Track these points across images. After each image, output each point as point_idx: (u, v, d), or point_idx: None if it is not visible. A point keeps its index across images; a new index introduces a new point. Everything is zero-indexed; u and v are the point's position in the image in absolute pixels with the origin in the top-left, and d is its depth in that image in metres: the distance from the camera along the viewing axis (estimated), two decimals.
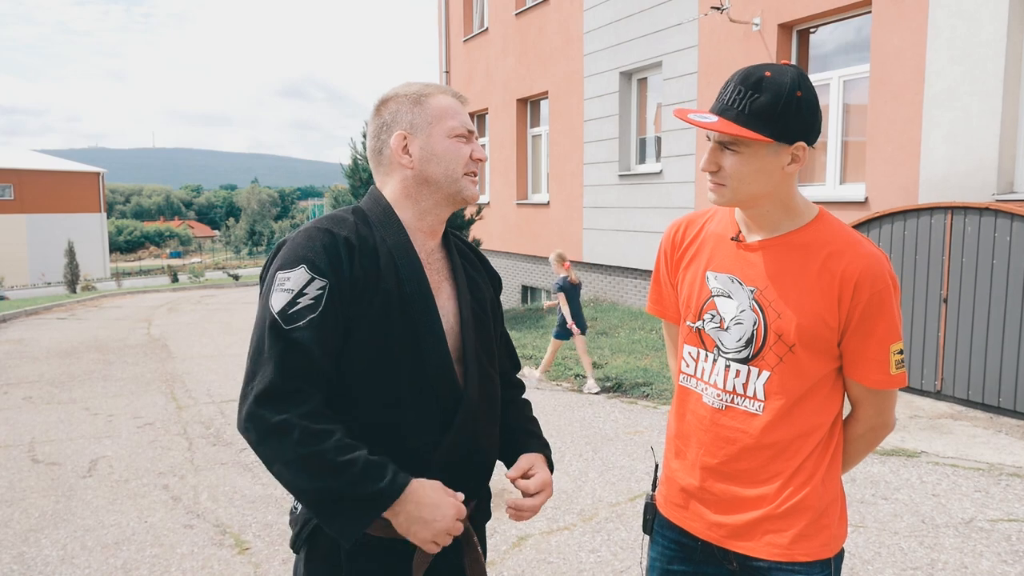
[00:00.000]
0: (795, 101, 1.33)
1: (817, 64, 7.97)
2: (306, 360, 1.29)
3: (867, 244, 1.42)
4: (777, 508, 1.44)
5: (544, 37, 12.44)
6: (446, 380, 1.41)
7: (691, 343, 1.57)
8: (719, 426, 1.49)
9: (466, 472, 1.45)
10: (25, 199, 41.14)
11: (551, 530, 3.69)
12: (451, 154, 1.45)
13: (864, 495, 4.00)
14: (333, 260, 1.34)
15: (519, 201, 13.52)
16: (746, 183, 1.39)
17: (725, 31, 8.55)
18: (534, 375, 7.20)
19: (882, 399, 1.47)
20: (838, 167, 7.71)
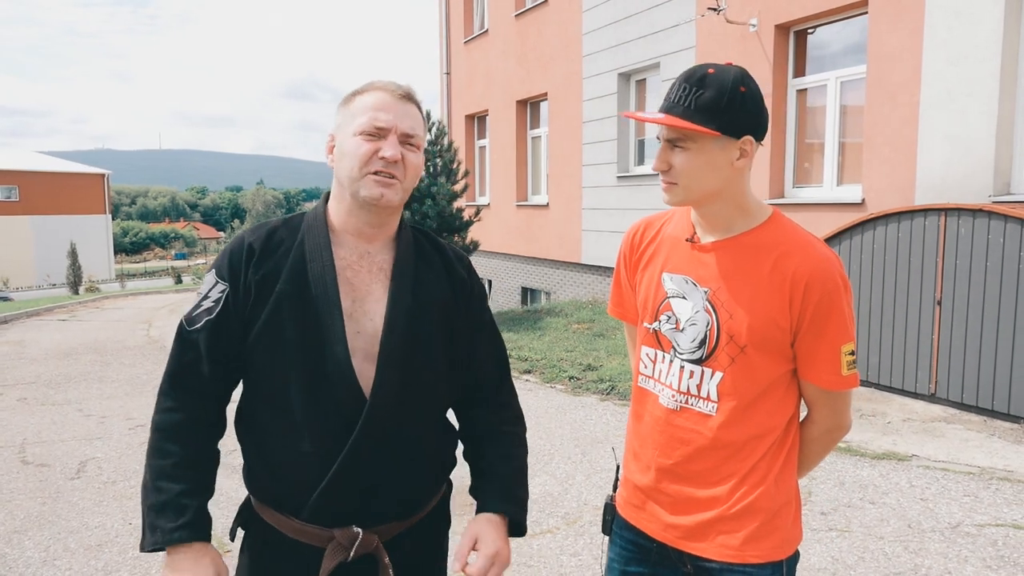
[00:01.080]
0: (739, 96, 1.36)
1: (814, 65, 7.94)
2: (198, 361, 1.40)
3: (818, 245, 1.42)
4: (729, 509, 1.44)
5: (543, 38, 12.43)
6: (345, 384, 1.37)
7: (648, 344, 1.57)
8: (674, 427, 1.49)
9: (374, 484, 1.40)
10: (30, 201, 41.32)
11: (534, 533, 3.67)
12: (351, 151, 1.38)
13: (851, 499, 3.97)
14: (235, 266, 1.40)
15: (519, 202, 13.50)
16: (696, 179, 1.40)
17: (722, 32, 8.52)
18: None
19: (836, 400, 1.46)
20: (835, 169, 7.68)
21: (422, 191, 10.57)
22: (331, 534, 1.38)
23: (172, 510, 1.35)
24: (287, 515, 1.40)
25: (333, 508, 1.38)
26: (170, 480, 1.36)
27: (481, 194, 15.31)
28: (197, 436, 1.41)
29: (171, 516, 1.35)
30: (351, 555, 1.38)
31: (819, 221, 7.19)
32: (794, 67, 8.05)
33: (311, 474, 1.36)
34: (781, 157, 8.14)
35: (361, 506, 1.40)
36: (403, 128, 1.40)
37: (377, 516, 1.42)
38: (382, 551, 1.41)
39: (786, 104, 8.07)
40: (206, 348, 1.39)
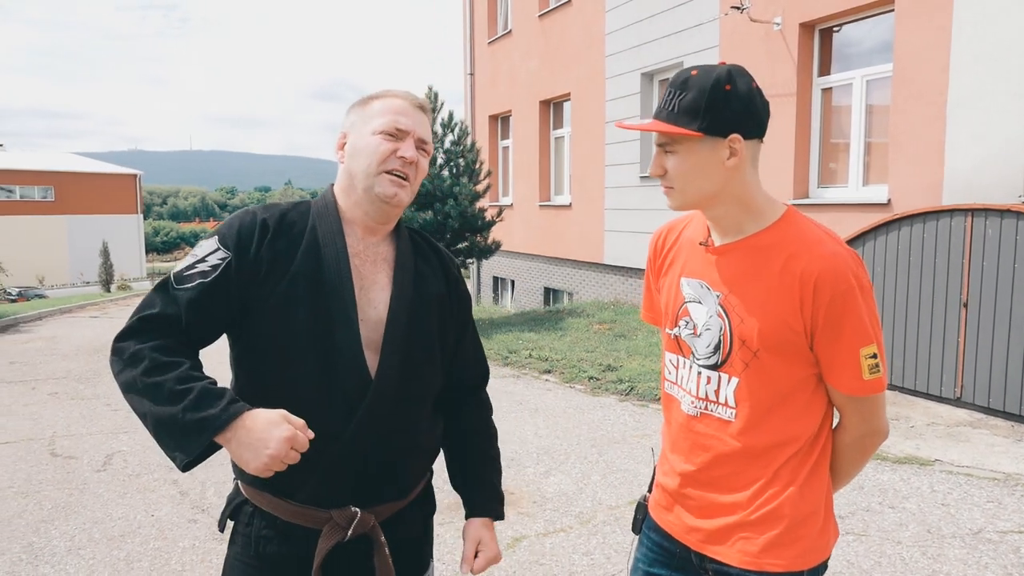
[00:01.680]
0: (722, 95, 1.33)
1: (840, 64, 7.84)
2: (176, 315, 1.36)
3: (830, 243, 1.36)
4: (750, 515, 1.42)
5: (567, 39, 12.42)
6: (354, 367, 1.41)
7: (671, 350, 1.56)
8: (695, 433, 1.48)
9: (372, 467, 1.44)
10: (65, 201, 42.17)
11: (547, 532, 3.68)
12: (370, 149, 1.45)
13: (870, 503, 3.92)
14: (245, 238, 1.41)
15: (541, 203, 13.50)
16: (689, 182, 1.38)
17: (746, 31, 8.45)
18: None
19: (864, 405, 1.41)
20: (860, 169, 7.58)
21: (444, 191, 10.62)
22: (328, 515, 1.42)
23: (212, 396, 1.27)
24: (283, 498, 1.42)
25: (331, 490, 1.42)
26: (195, 380, 1.29)
27: (504, 194, 15.33)
28: (193, 357, 1.36)
29: (215, 401, 1.26)
30: (348, 534, 1.41)
31: (844, 222, 7.10)
32: (819, 66, 7.96)
33: (311, 455, 1.36)
34: (806, 157, 8.05)
35: (357, 487, 1.44)
36: (419, 134, 1.48)
37: (372, 497, 1.46)
38: (378, 531, 1.45)
39: (811, 103, 7.98)
40: (187, 306, 1.36)
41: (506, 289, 15.67)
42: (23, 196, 41.43)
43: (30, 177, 41.63)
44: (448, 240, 10.80)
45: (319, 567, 1.39)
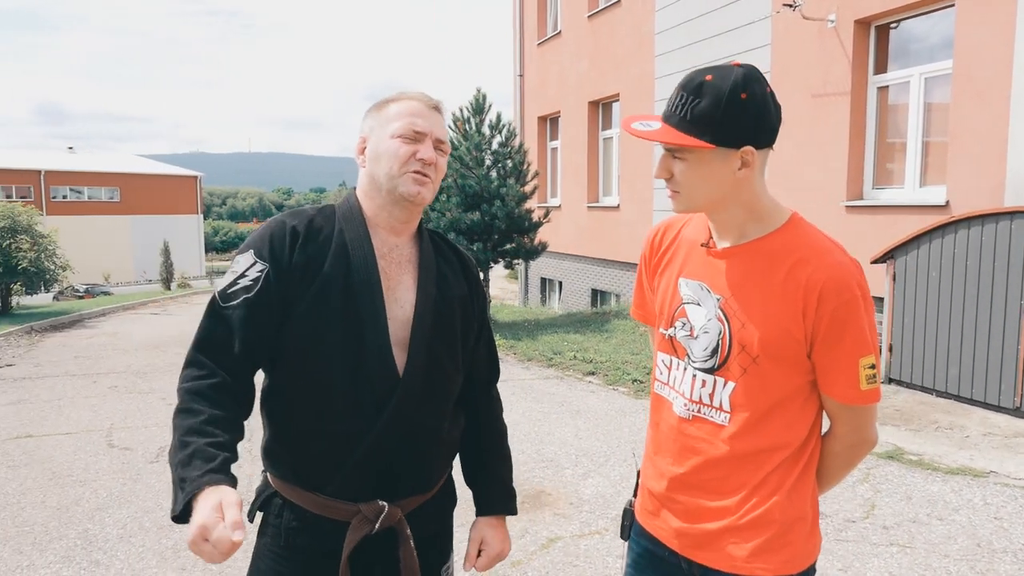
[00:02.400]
0: (738, 104, 1.28)
1: (897, 61, 7.62)
2: (230, 336, 1.41)
3: (836, 252, 1.35)
4: (739, 520, 1.40)
5: (616, 39, 12.35)
6: (383, 366, 1.45)
7: (664, 350, 1.55)
8: (686, 436, 1.47)
9: (399, 461, 1.48)
10: (130, 201, 43.81)
11: (583, 533, 3.67)
12: (390, 152, 1.48)
13: (918, 514, 3.80)
14: (277, 247, 1.45)
15: (590, 204, 13.45)
16: (697, 190, 1.36)
17: (798, 29, 8.27)
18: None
19: (858, 415, 1.40)
20: (918, 169, 7.34)
21: (492, 192, 10.67)
22: (357, 508, 1.45)
23: (200, 459, 1.28)
24: (312, 491, 1.47)
25: (360, 484, 1.46)
26: (199, 435, 1.32)
27: (552, 195, 15.32)
28: (225, 401, 1.39)
29: (199, 465, 1.27)
30: (376, 527, 1.45)
31: (900, 224, 6.90)
32: (875, 64, 7.75)
33: (339, 451, 1.44)
34: (860, 158, 7.84)
35: (384, 481, 1.48)
36: (437, 134, 1.52)
37: (399, 491, 1.50)
38: (404, 524, 1.49)
39: (866, 102, 7.77)
40: (240, 324, 1.40)
41: (554, 290, 15.66)
42: (91, 197, 43.16)
43: (97, 179, 43.36)
44: (495, 241, 10.85)
45: (347, 559, 1.43)
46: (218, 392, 1.38)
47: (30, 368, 8.81)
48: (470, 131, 11.11)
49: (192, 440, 1.31)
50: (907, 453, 4.69)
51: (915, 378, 6.10)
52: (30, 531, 3.88)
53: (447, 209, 10.61)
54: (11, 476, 4.76)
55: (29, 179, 40.28)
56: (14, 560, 3.55)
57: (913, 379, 6.12)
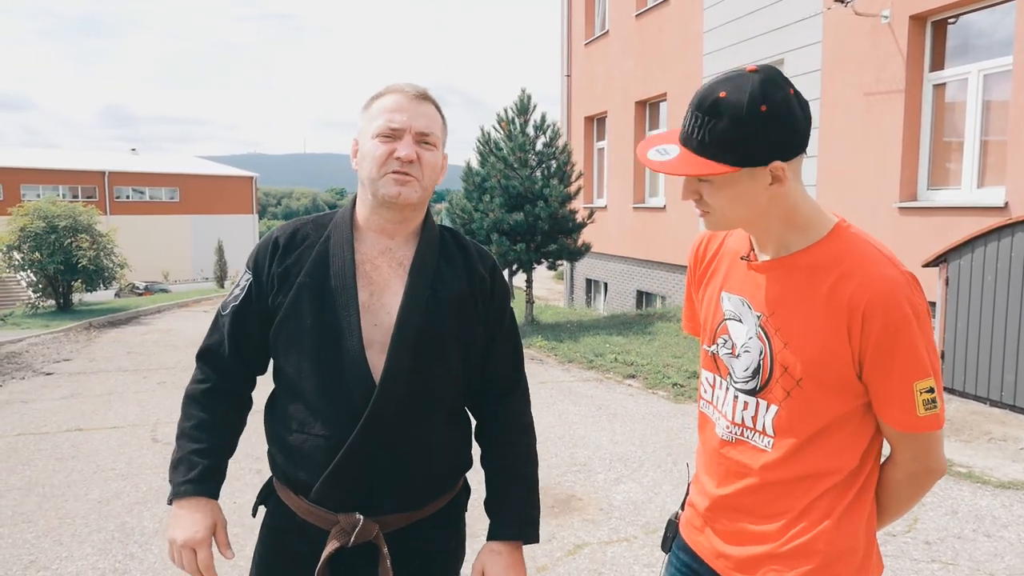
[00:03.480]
0: (759, 119, 1.17)
1: (954, 58, 7.33)
2: (221, 342, 1.55)
3: (884, 264, 1.23)
4: (781, 547, 1.32)
5: (664, 38, 12.19)
6: (358, 372, 1.42)
7: (707, 368, 1.47)
8: (728, 459, 1.39)
9: (377, 472, 1.44)
10: (189, 201, 45.10)
11: (611, 540, 3.61)
12: (371, 154, 1.45)
13: (963, 530, 3.63)
14: (260, 258, 1.52)
15: (636, 205, 13.31)
16: (727, 211, 1.27)
17: (851, 25, 8.03)
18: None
19: (918, 443, 1.28)
20: (975, 169, 7.05)
21: (535, 193, 10.64)
22: (336, 518, 1.44)
23: (184, 466, 1.49)
24: (299, 495, 1.48)
25: (338, 493, 1.44)
26: (188, 440, 1.51)
27: (599, 196, 15.21)
28: (218, 403, 1.54)
29: (182, 471, 1.49)
30: (351, 540, 1.43)
31: (956, 226, 6.63)
32: (931, 60, 7.47)
33: (321, 458, 1.43)
34: (914, 157, 7.57)
35: (365, 494, 1.44)
36: (418, 127, 1.44)
37: (381, 506, 1.46)
38: (382, 540, 1.44)
39: (921, 100, 7.50)
40: (228, 331, 1.52)
41: (599, 291, 15.54)
42: (152, 197, 44.58)
43: (158, 179, 44.76)
44: (538, 242, 10.82)
45: (323, 568, 1.42)
46: (209, 396, 1.55)
47: (85, 363, 9.12)
48: (514, 131, 11.10)
49: (182, 444, 1.53)
50: (956, 465, 4.49)
51: (968, 386, 5.85)
52: (71, 523, 4.00)
53: (490, 209, 10.61)
54: (59, 468, 4.92)
55: (94, 180, 41.81)
56: (54, 551, 3.66)
57: (966, 387, 5.86)
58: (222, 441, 1.55)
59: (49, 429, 5.92)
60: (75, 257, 14.08)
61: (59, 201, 15.38)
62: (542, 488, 1.68)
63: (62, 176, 40.70)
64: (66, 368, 8.77)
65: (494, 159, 11.01)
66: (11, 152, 44.77)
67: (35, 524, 3.98)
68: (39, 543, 3.75)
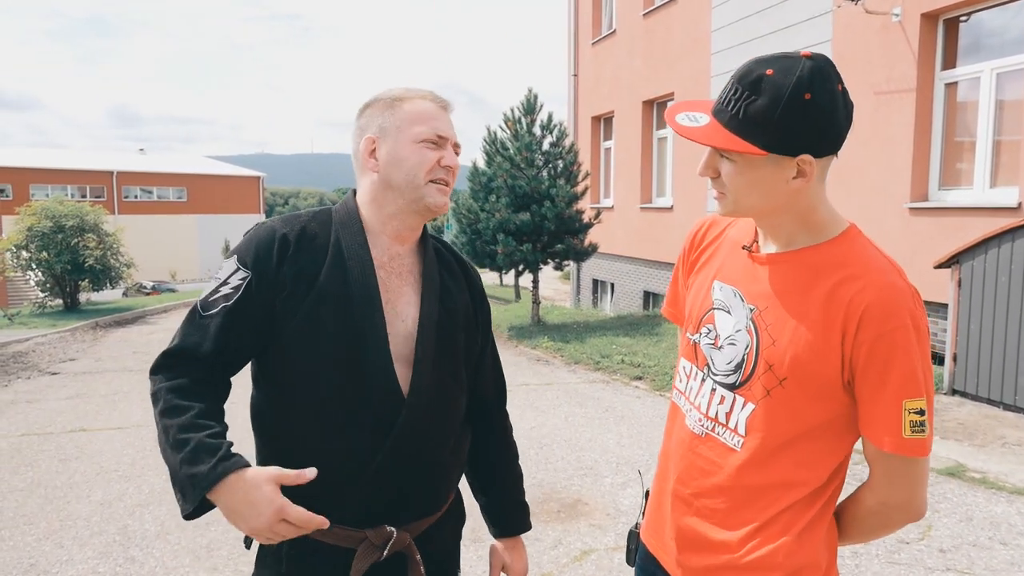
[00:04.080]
0: (800, 106, 1.12)
1: (967, 56, 7.23)
2: (200, 343, 1.33)
3: (890, 273, 1.18)
4: (739, 559, 1.26)
5: (671, 37, 12.11)
6: (386, 383, 1.36)
7: (687, 357, 1.42)
8: (695, 454, 1.34)
9: (407, 484, 1.40)
10: (196, 201, 45.27)
11: (618, 546, 3.54)
12: (414, 159, 1.40)
13: (978, 537, 3.55)
14: (263, 255, 1.36)
15: (643, 205, 13.23)
16: (744, 196, 1.22)
17: (861, 23, 7.94)
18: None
19: (896, 467, 1.20)
20: (988, 169, 6.95)
21: (542, 193, 10.58)
22: (363, 534, 1.37)
23: (205, 451, 1.22)
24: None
25: (365, 509, 1.38)
26: (196, 430, 1.25)
27: (606, 196, 15.14)
28: (207, 394, 1.32)
29: (206, 459, 1.21)
30: (385, 554, 1.38)
31: (967, 227, 6.54)
32: (943, 59, 7.37)
33: (343, 475, 1.35)
34: (925, 157, 7.47)
35: (392, 505, 1.40)
36: (455, 138, 1.46)
37: (407, 514, 1.42)
38: (414, 548, 1.41)
39: (932, 100, 7.40)
40: (216, 332, 1.33)
41: (606, 292, 15.47)
42: (160, 197, 44.74)
43: (166, 179, 44.94)
44: (545, 242, 10.76)
45: None
46: (199, 386, 1.32)
47: (91, 363, 9.11)
48: (521, 131, 11.05)
49: (190, 436, 1.24)
50: (969, 470, 4.41)
51: (980, 390, 5.76)
52: (72, 525, 3.96)
53: (496, 209, 10.56)
54: (61, 469, 4.89)
55: (102, 179, 41.98)
56: (55, 554, 3.62)
57: (979, 391, 5.78)
58: (223, 429, 1.31)
59: (53, 429, 5.90)
60: (82, 257, 14.09)
61: (66, 201, 15.40)
62: (547, 492, 1.72)
63: (71, 176, 40.89)
64: (71, 368, 8.76)
65: (500, 159, 10.97)
66: (20, 152, 45.00)
67: (36, 526, 3.95)
68: (40, 546, 3.71)
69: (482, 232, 10.82)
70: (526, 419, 5.83)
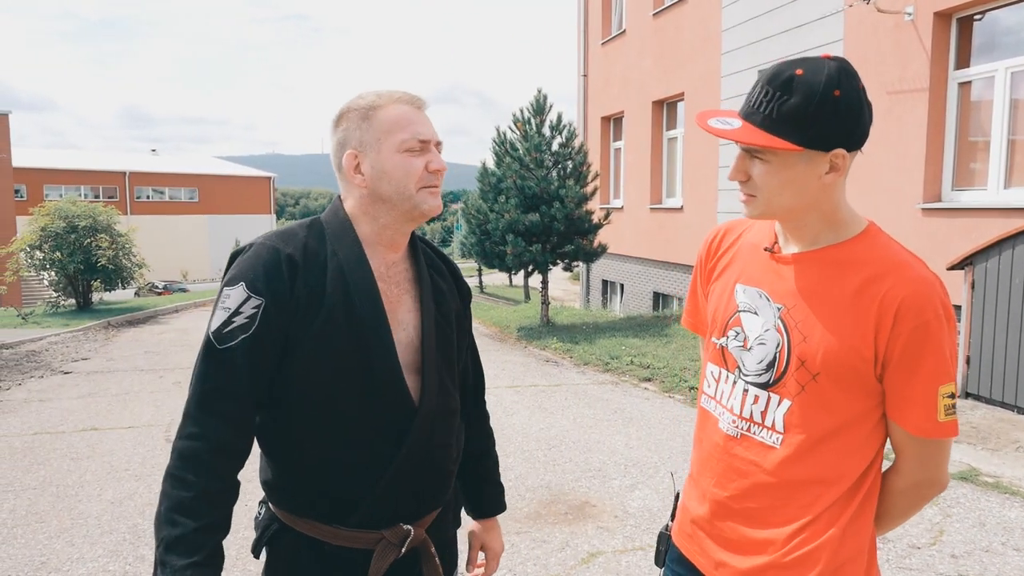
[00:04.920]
0: (831, 102, 1.17)
1: (981, 55, 7.17)
2: (232, 382, 1.30)
3: (917, 267, 1.23)
4: (784, 556, 1.28)
5: (681, 37, 12.08)
6: (397, 394, 1.38)
7: (714, 362, 1.43)
8: (732, 456, 1.35)
9: (419, 485, 1.43)
10: (208, 201, 45.52)
11: (625, 549, 3.53)
12: (401, 170, 1.38)
13: (991, 543, 3.51)
14: (272, 278, 1.32)
15: (653, 205, 13.20)
16: (777, 195, 1.25)
17: (873, 23, 7.89)
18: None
19: (928, 450, 1.26)
20: (1002, 169, 6.88)
21: (551, 193, 10.56)
22: (380, 535, 1.39)
23: (184, 546, 1.24)
24: (333, 525, 1.38)
25: (383, 511, 1.40)
26: (186, 514, 1.25)
27: (615, 197, 15.11)
28: (219, 467, 1.30)
29: (183, 553, 1.23)
30: (403, 551, 1.40)
31: (981, 227, 6.49)
32: (956, 58, 7.31)
33: (359, 483, 1.36)
34: (938, 157, 7.41)
35: (406, 505, 1.43)
36: (437, 137, 1.44)
37: (420, 511, 1.46)
38: (429, 543, 1.46)
39: (945, 99, 7.34)
40: (244, 366, 1.30)
41: (615, 293, 15.44)
42: (171, 197, 45.01)
43: (178, 179, 45.21)
44: (554, 243, 10.75)
45: None
46: (215, 457, 1.29)
47: (103, 362, 9.17)
48: (530, 132, 11.04)
49: (180, 520, 1.25)
50: (982, 475, 4.37)
51: (995, 393, 5.71)
52: (83, 523, 3.98)
53: (506, 210, 10.56)
54: (73, 468, 4.92)
55: (115, 180, 42.27)
56: (66, 552, 3.64)
57: (992, 394, 5.72)
58: (223, 517, 1.32)
59: (65, 428, 5.94)
60: (94, 257, 14.18)
61: (79, 201, 15.51)
62: (555, 494, 1.77)
63: (84, 176, 41.20)
64: (84, 367, 8.82)
65: (510, 159, 10.96)
66: (34, 153, 45.36)
67: (48, 524, 3.98)
68: (51, 544, 3.73)
69: (491, 233, 10.82)
70: (535, 420, 5.82)
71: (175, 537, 1.24)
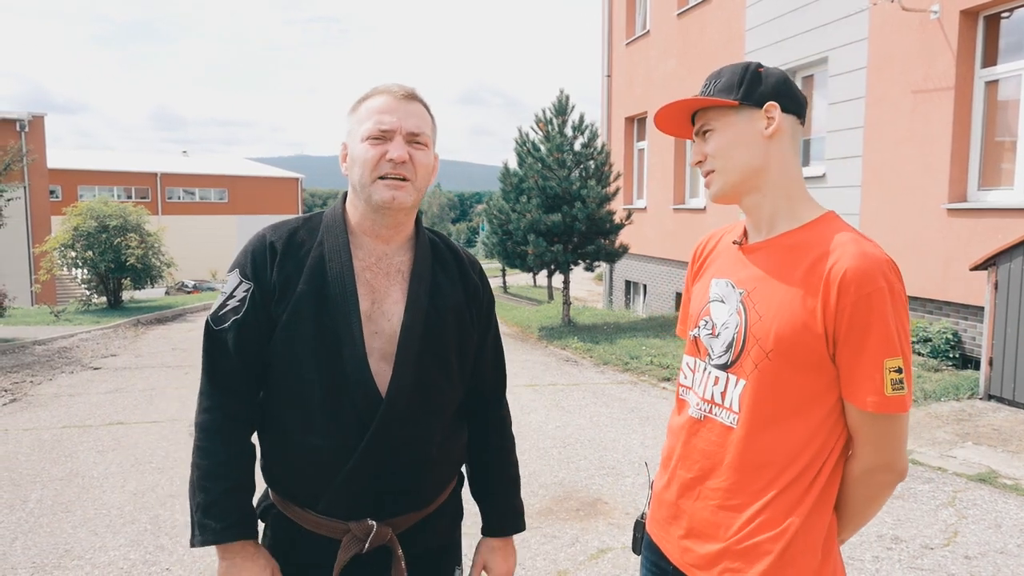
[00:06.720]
0: (755, 72, 1.36)
1: (1008, 53, 7.06)
2: (228, 359, 1.42)
3: (866, 245, 1.26)
4: (737, 543, 1.30)
5: (705, 37, 12.02)
6: (363, 382, 1.39)
7: (689, 353, 1.49)
8: (696, 437, 1.39)
9: (387, 480, 1.43)
10: (237, 202, 46.12)
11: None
12: (360, 159, 1.40)
13: (1007, 544, 3.47)
14: (258, 264, 1.42)
15: (676, 206, 13.15)
16: (729, 158, 1.35)
17: (898, 21, 7.80)
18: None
19: (879, 428, 1.25)
20: None
21: (573, 194, 10.58)
22: (347, 527, 1.42)
23: (219, 509, 1.38)
24: (304, 508, 1.44)
25: (348, 502, 1.42)
26: (214, 480, 1.39)
27: (639, 197, 15.07)
28: (236, 435, 1.43)
29: (218, 515, 1.38)
30: (366, 547, 1.42)
31: (1008, 227, 6.39)
32: (983, 56, 7.20)
33: (327, 469, 1.40)
34: (964, 157, 7.30)
35: (376, 500, 1.43)
36: (408, 128, 1.41)
37: (391, 509, 1.45)
38: (396, 543, 1.44)
39: (972, 98, 7.24)
40: (234, 346, 1.40)
41: (638, 293, 15.40)
42: (202, 198, 45.69)
43: (208, 180, 45.87)
44: (575, 243, 10.76)
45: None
46: (231, 424, 1.43)
47: (131, 359, 9.37)
48: (552, 132, 11.06)
49: (211, 485, 1.40)
50: (1001, 476, 4.31)
51: (1018, 395, 5.62)
52: (107, 514, 4.10)
53: (527, 210, 10.59)
54: (98, 460, 5.05)
55: (147, 181, 43.01)
56: (89, 541, 3.75)
57: (1016, 396, 5.63)
58: (247, 478, 1.44)
59: (92, 422, 6.09)
60: (124, 256, 14.48)
61: (110, 201, 15.83)
62: (568, 491, 1.73)
63: (116, 177, 41.97)
64: (113, 363, 9.02)
65: (532, 160, 10.99)
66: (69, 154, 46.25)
67: (73, 514, 4.09)
68: (75, 532, 3.85)
69: (513, 233, 10.86)
70: (552, 419, 5.85)
71: (209, 502, 1.39)
